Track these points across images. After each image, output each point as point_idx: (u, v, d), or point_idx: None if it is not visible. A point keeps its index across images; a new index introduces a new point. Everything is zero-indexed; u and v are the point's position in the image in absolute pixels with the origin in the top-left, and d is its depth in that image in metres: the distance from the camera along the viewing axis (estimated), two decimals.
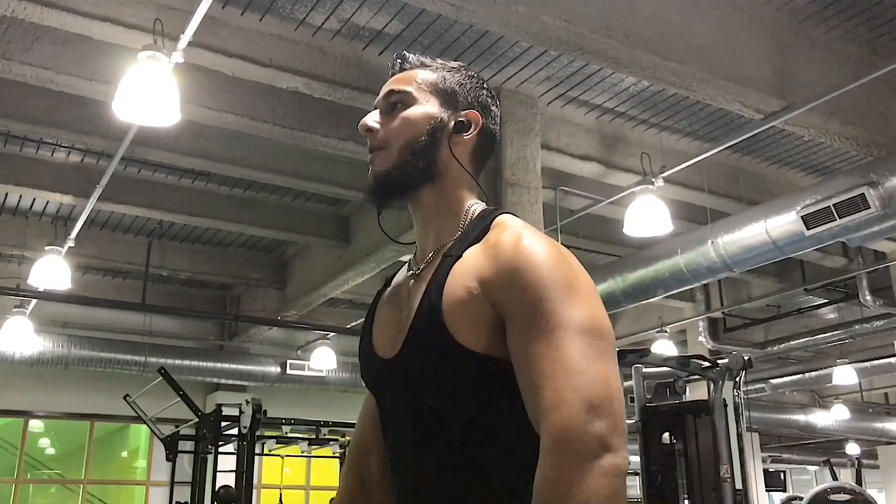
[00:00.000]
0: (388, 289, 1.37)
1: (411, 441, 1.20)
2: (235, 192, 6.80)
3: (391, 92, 1.31)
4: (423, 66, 1.33)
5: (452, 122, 1.29)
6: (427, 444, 1.18)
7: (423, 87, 1.30)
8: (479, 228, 1.23)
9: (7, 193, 6.54)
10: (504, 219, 1.23)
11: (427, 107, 1.29)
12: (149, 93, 3.62)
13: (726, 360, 5.62)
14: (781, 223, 5.18)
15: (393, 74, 1.35)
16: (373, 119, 1.31)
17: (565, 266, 1.11)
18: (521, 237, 1.15)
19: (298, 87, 4.45)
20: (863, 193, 4.67)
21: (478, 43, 4.51)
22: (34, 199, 6.74)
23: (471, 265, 1.17)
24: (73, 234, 6.23)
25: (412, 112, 1.28)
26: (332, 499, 8.00)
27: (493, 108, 1.35)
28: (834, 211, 4.84)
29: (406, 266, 1.35)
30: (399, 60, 1.35)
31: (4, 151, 5.95)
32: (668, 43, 4.00)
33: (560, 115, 5.38)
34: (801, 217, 5.01)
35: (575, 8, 3.72)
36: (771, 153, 6.02)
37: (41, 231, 7.16)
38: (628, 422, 1.46)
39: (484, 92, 1.34)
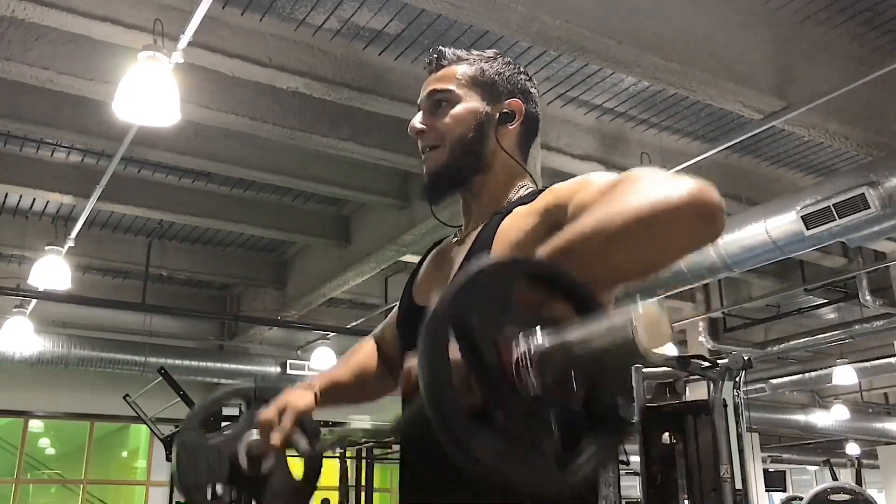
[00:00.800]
0: (433, 252, 1.40)
1: None
2: (235, 192, 6.80)
3: (434, 91, 1.33)
4: (459, 60, 1.35)
5: (497, 115, 1.31)
6: None
7: (463, 82, 1.32)
8: (530, 198, 1.24)
9: (7, 193, 6.55)
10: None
11: (471, 102, 1.31)
12: (149, 93, 3.63)
13: (726, 360, 5.60)
14: (781, 223, 5.18)
15: (430, 72, 1.36)
16: (419, 120, 1.33)
17: None
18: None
19: (298, 87, 4.45)
20: (863, 193, 4.67)
21: (478, 43, 4.50)
22: (34, 199, 6.74)
23: (525, 211, 1.19)
24: (73, 234, 6.23)
25: (458, 109, 1.30)
26: (323, 499, 8.02)
27: (533, 90, 1.37)
28: (834, 211, 4.84)
29: (452, 235, 1.38)
30: (436, 57, 1.36)
31: (4, 151, 5.95)
32: (668, 43, 4.00)
33: (560, 115, 5.38)
34: (801, 217, 5.01)
35: (575, 8, 3.72)
36: (771, 153, 6.02)
37: (41, 231, 7.16)
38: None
39: (522, 77, 1.36)
